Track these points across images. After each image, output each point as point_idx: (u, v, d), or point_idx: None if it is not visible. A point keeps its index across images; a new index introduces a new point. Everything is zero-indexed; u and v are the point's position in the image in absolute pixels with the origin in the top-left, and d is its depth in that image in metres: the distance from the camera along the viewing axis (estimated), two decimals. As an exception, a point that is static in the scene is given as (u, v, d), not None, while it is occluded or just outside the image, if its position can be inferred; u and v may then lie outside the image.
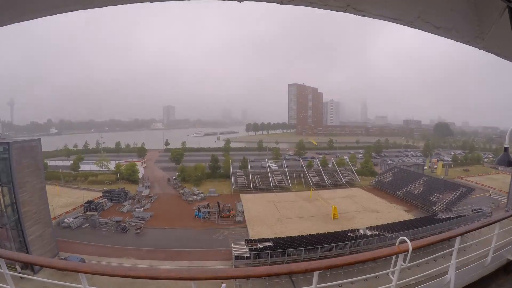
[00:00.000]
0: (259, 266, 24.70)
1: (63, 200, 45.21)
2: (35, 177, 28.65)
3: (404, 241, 3.02)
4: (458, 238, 3.66)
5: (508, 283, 4.36)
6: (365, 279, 3.54)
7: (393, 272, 3.14)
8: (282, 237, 31.50)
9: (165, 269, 2.64)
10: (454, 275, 3.74)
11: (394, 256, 3.05)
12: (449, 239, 3.55)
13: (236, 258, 25.77)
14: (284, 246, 27.14)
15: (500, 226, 4.37)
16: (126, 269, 2.58)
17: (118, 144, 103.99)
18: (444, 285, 3.79)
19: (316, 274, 2.72)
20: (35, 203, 28.00)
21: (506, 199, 44.90)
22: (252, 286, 22.69)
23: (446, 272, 3.85)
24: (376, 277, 3.41)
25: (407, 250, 2.95)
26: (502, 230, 4.44)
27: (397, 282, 3.14)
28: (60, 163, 73.19)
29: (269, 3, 2.99)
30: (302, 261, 25.53)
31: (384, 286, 3.13)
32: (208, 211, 40.42)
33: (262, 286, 22.60)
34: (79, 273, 2.67)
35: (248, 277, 2.61)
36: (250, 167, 62.36)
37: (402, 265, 3.06)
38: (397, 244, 3.04)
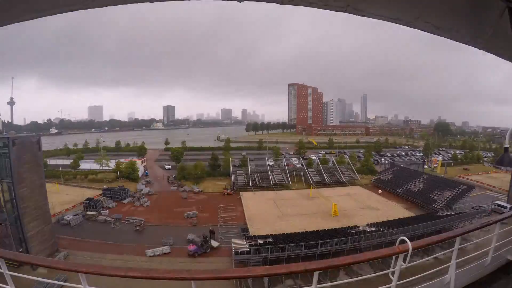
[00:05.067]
0: (259, 261, 24.87)
1: (62, 198, 45.23)
2: (34, 173, 28.69)
3: (404, 241, 3.02)
4: (458, 238, 3.66)
5: (508, 283, 4.37)
6: (365, 279, 3.52)
7: (393, 272, 3.14)
8: (282, 233, 31.60)
9: (164, 269, 2.65)
10: (454, 275, 3.74)
11: (394, 256, 3.05)
12: (449, 239, 3.55)
13: (236, 253, 25.89)
14: (284, 242, 27.19)
15: (500, 226, 4.37)
16: (125, 269, 2.59)
17: (118, 143, 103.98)
18: (444, 285, 3.79)
19: (316, 274, 2.72)
20: (34, 199, 28.05)
21: (506, 198, 44.94)
22: (251, 285, 22.73)
23: (446, 272, 3.85)
24: (376, 277, 3.41)
25: (407, 250, 2.94)
26: (502, 230, 4.44)
27: (397, 282, 3.14)
28: (60, 161, 73.27)
29: (269, 3, 2.99)
30: (302, 256, 25.73)
31: (384, 286, 3.13)
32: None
33: (261, 285, 22.65)
34: (79, 273, 2.68)
35: (247, 277, 2.63)
36: (250, 166, 62.50)
37: (402, 265, 3.06)
38: (397, 244, 3.04)
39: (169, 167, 70.39)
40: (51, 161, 70.40)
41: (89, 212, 39.46)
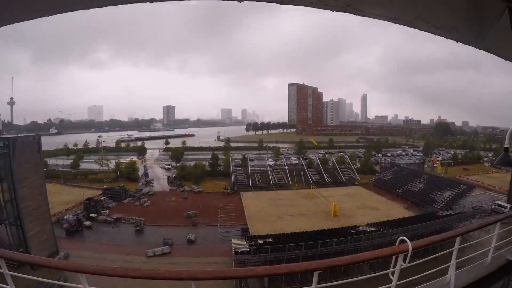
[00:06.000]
0: (259, 261, 24.84)
1: (63, 198, 45.20)
2: (34, 173, 28.67)
3: (404, 241, 3.01)
4: (458, 238, 3.66)
5: (508, 283, 4.37)
6: (365, 279, 3.52)
7: (393, 272, 3.14)
8: (282, 233, 31.56)
9: (165, 269, 2.65)
10: (454, 275, 3.74)
11: (394, 256, 3.05)
12: (449, 239, 3.55)
13: (236, 253, 25.84)
14: (284, 242, 27.11)
15: (500, 226, 4.37)
16: (125, 269, 2.59)
17: (118, 143, 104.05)
18: (444, 285, 3.79)
19: (316, 274, 2.72)
20: (34, 199, 27.99)
21: (507, 198, 44.91)
22: (251, 285, 22.73)
23: (446, 272, 3.85)
24: (376, 277, 3.40)
25: (407, 250, 2.94)
26: (502, 230, 4.44)
27: (397, 282, 3.14)
28: (60, 162, 73.28)
29: (269, 3, 3.00)
30: (303, 256, 25.63)
31: (384, 286, 3.13)
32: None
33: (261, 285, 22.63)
34: (79, 273, 2.68)
35: (248, 277, 2.62)
36: (250, 166, 62.51)
37: (402, 265, 3.06)
38: (397, 244, 3.03)
39: (169, 166, 70.47)
40: (51, 161, 70.40)
41: (89, 213, 39.42)
